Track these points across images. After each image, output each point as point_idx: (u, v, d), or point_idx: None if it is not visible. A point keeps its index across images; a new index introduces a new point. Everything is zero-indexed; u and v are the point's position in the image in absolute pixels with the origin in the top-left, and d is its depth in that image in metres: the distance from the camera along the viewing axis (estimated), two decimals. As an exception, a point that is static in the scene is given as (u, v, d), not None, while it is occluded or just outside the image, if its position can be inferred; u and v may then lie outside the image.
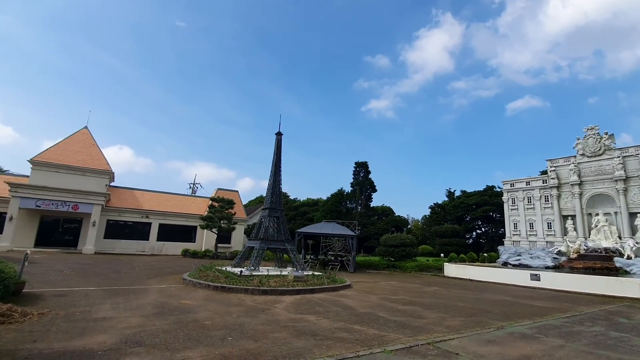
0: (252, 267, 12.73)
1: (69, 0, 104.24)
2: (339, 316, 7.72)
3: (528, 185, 28.58)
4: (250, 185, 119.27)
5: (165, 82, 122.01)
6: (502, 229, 32.77)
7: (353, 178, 40.65)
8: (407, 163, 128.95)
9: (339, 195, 38.10)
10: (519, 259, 22.43)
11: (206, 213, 31.28)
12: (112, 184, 36.40)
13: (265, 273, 12.03)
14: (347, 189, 41.11)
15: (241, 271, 11.44)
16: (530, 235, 27.38)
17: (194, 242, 34.85)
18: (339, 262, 22.19)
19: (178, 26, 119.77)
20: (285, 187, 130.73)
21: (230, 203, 31.40)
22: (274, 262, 15.88)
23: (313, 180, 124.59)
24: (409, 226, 47.20)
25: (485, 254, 26.14)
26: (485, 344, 6.02)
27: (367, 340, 5.83)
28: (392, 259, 24.98)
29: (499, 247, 27.36)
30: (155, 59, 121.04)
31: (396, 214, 43.96)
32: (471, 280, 18.49)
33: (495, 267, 20.21)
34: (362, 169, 40.28)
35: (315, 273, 13.41)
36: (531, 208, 27.81)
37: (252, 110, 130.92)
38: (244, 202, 71.54)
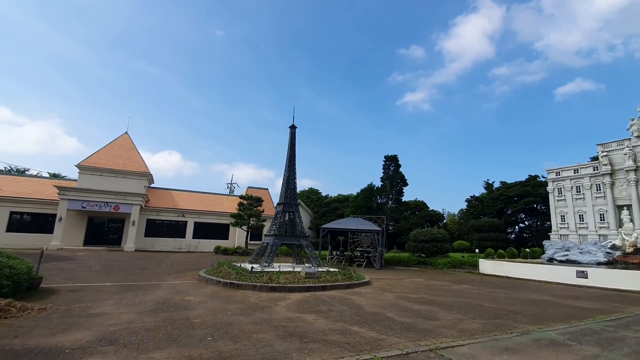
0: (266, 264, 12.52)
1: (116, 20, 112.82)
2: (341, 316, 7.17)
3: (576, 174, 25.68)
4: None
5: (209, 90, 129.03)
6: (549, 222, 29.90)
7: (383, 172, 39.37)
8: (444, 157, 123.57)
9: (369, 191, 37.07)
10: (567, 255, 20.19)
11: (236, 211, 31.94)
12: (152, 185, 38.58)
13: (277, 269, 11.75)
14: (379, 184, 39.98)
15: (252, 267, 11.25)
16: (580, 228, 24.61)
17: (227, 239, 35.85)
18: (365, 258, 21.45)
19: (218, 35, 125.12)
20: (317, 185, 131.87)
21: (258, 201, 31.77)
22: (292, 258, 15.55)
23: (348, 177, 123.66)
24: (445, 221, 44.81)
25: (527, 250, 23.93)
26: (500, 352, 5.17)
27: (359, 344, 5.24)
28: (423, 255, 23.73)
29: (544, 242, 24.91)
30: (197, 68, 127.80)
31: (430, 209, 41.95)
32: (509, 277, 16.91)
33: (537, 263, 18.33)
34: (392, 162, 38.87)
35: (331, 269, 12.90)
36: (580, 198, 24.96)
37: (289, 111, 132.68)
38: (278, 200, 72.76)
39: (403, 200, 40.25)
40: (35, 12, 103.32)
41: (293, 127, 14.78)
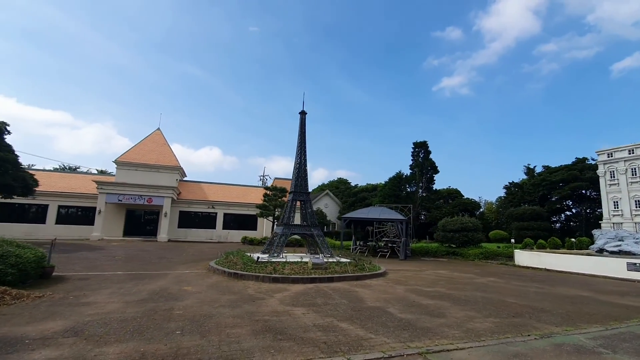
0: (275, 254, 12.21)
1: (160, 25, 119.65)
2: (335, 310, 6.60)
3: (632, 154, 22.57)
4: (324, 176, 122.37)
5: (246, 85, 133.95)
6: (599, 209, 26.84)
7: (412, 160, 37.60)
8: (483, 143, 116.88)
9: (398, 179, 35.62)
10: (620, 245, 17.90)
11: (262, 202, 32.20)
12: (184, 178, 40.06)
13: (284, 260, 11.37)
14: (408, 172, 38.32)
15: (258, 257, 10.98)
16: (636, 215, 21.76)
17: (256, 230, 36.40)
18: (389, 248, 20.57)
19: (251, 31, 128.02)
20: (352, 175, 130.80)
21: (283, 191, 31.73)
22: (306, 248, 15.13)
23: (384, 167, 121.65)
24: (481, 209, 42.05)
25: (572, 240, 21.62)
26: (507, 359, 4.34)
27: (338, 344, 4.66)
28: (453, 246, 22.33)
29: (594, 231, 22.35)
30: (234, 65, 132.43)
31: (465, 197, 39.55)
32: (547, 270, 15.29)
33: (582, 254, 16.40)
34: (421, 149, 36.99)
35: (342, 260, 12.29)
36: (637, 182, 21.93)
37: (323, 101, 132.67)
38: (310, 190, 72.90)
39: (434, 189, 38.27)
40: (90, 24, 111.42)
41: (303, 113, 14.19)
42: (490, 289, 10.04)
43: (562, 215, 34.83)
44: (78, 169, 59.47)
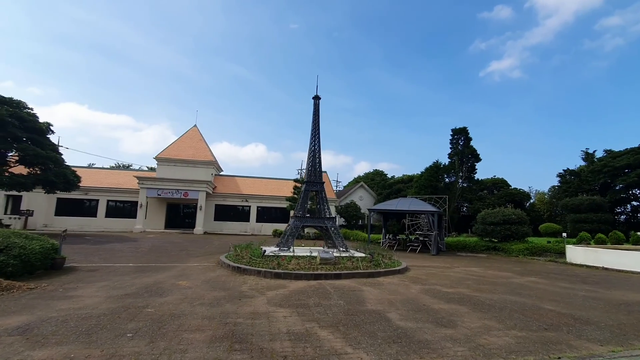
0: (285, 247, 11.59)
1: (211, 29, 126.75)
2: (324, 314, 5.76)
3: None
4: (365, 168, 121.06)
5: (289, 81, 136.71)
6: (680, 199, 22.72)
7: (451, 148, 34.88)
8: (537, 130, 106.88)
9: (435, 169, 33.29)
10: None
11: (291, 195, 31.95)
12: (221, 173, 41.19)
13: (292, 254, 10.69)
14: (446, 161, 35.78)
15: (264, 251, 10.43)
16: None
17: (287, 222, 36.39)
18: (420, 242, 19.09)
19: (292, 28, 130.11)
20: (395, 168, 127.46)
21: (313, 184, 31.23)
22: (324, 241, 14.31)
23: (424, 157, 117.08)
24: (531, 200, 38.04)
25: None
26: (515, 393, 3.23)
27: (299, 358, 3.85)
28: (495, 240, 20.20)
29: (672, 224, 18.91)
30: (277, 62, 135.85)
31: (512, 187, 36.01)
32: (605, 269, 13.02)
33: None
34: (461, 136, 34.15)
35: (357, 254, 11.31)
36: None
37: (366, 94, 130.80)
38: (346, 183, 71.80)
39: (476, 178, 35.31)
40: (148, 33, 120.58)
41: (316, 98, 13.29)
42: (527, 291, 8.53)
43: (628, 206, 30.07)
44: (130, 167, 64.16)
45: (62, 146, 47.78)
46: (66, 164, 21.67)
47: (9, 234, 8.26)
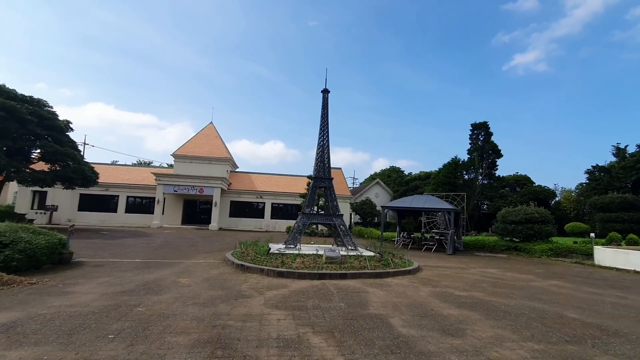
0: (291, 245, 11.29)
1: (233, 29, 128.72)
2: (321, 317, 5.41)
3: None
4: (383, 165, 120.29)
5: (307, 78, 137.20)
6: None
7: (470, 143, 33.56)
8: (563, 124, 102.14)
9: (453, 165, 32.15)
10: None
11: (305, 191, 31.74)
12: (237, 170, 41.49)
13: (296, 252, 10.37)
14: (465, 157, 34.48)
15: (269, 248, 10.17)
16: None
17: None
18: (436, 241, 18.38)
19: (311, 26, 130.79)
20: (414, 165, 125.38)
21: (326, 180, 30.87)
22: (333, 239, 13.90)
23: (445, 155, 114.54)
24: (557, 198, 36.11)
25: (681, 235, 17.01)
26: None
27: (284, 369, 3.52)
28: (516, 240, 19.21)
29: None
30: (295, 59, 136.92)
31: (536, 184, 34.30)
32: (637, 272, 12.00)
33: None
34: (481, 131, 32.78)
35: (366, 253, 10.86)
36: None
37: (385, 91, 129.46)
38: (362, 180, 71.03)
39: (497, 175, 33.86)
40: (170, 34, 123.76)
41: (325, 92, 12.87)
42: (549, 296, 7.86)
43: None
44: (151, 164, 65.90)
45: (88, 144, 49.45)
46: (85, 160, 22.25)
47: (17, 228, 8.35)
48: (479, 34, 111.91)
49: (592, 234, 16.43)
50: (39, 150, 18.30)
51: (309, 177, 34.42)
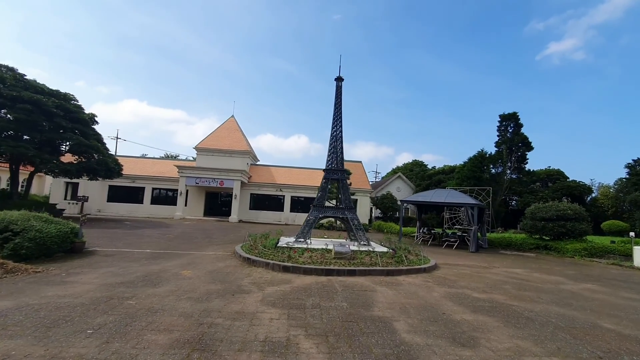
0: (301, 239, 10.92)
1: (259, 26, 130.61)
2: (319, 318, 4.99)
3: None
4: (407, 160, 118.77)
5: (328, 75, 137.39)
6: None
7: (498, 135, 31.66)
8: (602, 116, 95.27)
9: (479, 159, 30.49)
10: None
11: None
12: (257, 162, 41.71)
13: (305, 246, 9.99)
14: (493, 150, 32.63)
15: (276, 242, 9.85)
16: None
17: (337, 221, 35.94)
18: (458, 238, 17.46)
19: (335, 20, 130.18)
20: (434, 159, 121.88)
21: (346, 173, 30.25)
22: (347, 233, 13.38)
23: (472, 149, 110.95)
24: (593, 195, 33.55)
25: None
26: None
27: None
28: (546, 238, 17.91)
29: None
30: (317, 54, 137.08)
31: (570, 179, 31.98)
32: (688, 279, 10.69)
33: None
34: (510, 122, 30.82)
35: (378, 249, 10.30)
36: None
37: (411, 83, 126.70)
38: (384, 174, 69.71)
39: (527, 169, 31.85)
40: (200, 34, 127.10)
41: (339, 80, 12.28)
42: (581, 302, 7.04)
43: None
44: (177, 157, 67.88)
45: (120, 138, 51.49)
46: (110, 153, 22.93)
47: (29, 217, 8.50)
48: (512, 22, 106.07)
49: (632, 233, 14.94)
50: (66, 143, 18.94)
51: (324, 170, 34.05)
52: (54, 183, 32.20)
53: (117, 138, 56.18)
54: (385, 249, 10.36)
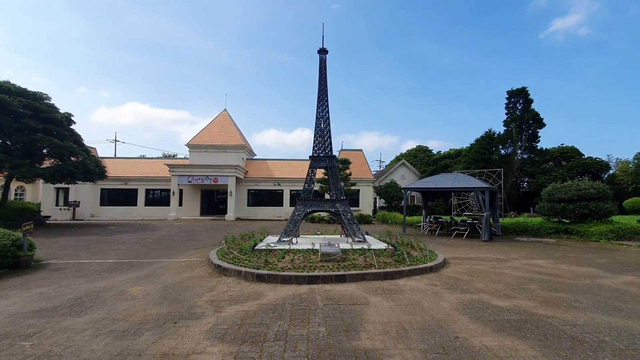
0: (286, 238, 9.42)
1: (257, 20, 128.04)
2: (280, 357, 3.51)
3: None
4: (413, 147, 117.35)
5: (332, 64, 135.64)
6: None
7: (506, 113, 29.70)
8: (614, 92, 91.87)
9: (487, 139, 28.66)
10: None
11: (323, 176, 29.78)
12: (254, 157, 40.23)
13: (288, 246, 8.50)
14: (501, 130, 30.70)
15: (254, 244, 8.41)
16: None
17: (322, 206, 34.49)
18: (468, 226, 15.88)
19: (334, 9, 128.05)
20: (440, 145, 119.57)
21: (345, 163, 28.64)
22: (341, 228, 11.84)
23: (479, 131, 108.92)
24: (611, 171, 31.57)
25: None
26: None
27: None
28: (566, 221, 16.25)
29: None
30: (317, 46, 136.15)
31: (585, 156, 30.03)
32: None
33: None
34: (519, 98, 28.82)
35: (375, 246, 8.77)
36: None
37: (413, 70, 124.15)
38: (388, 162, 67.79)
39: (539, 148, 29.93)
40: (199, 31, 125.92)
41: (323, 52, 10.62)
42: (631, 304, 5.46)
43: None
44: (175, 156, 66.76)
45: (119, 141, 50.34)
46: (92, 154, 21.59)
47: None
48: (511, 1, 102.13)
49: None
50: (37, 144, 17.59)
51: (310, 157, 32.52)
52: (44, 189, 31.10)
53: (115, 141, 55.14)
54: (384, 246, 8.82)
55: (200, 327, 4.37)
